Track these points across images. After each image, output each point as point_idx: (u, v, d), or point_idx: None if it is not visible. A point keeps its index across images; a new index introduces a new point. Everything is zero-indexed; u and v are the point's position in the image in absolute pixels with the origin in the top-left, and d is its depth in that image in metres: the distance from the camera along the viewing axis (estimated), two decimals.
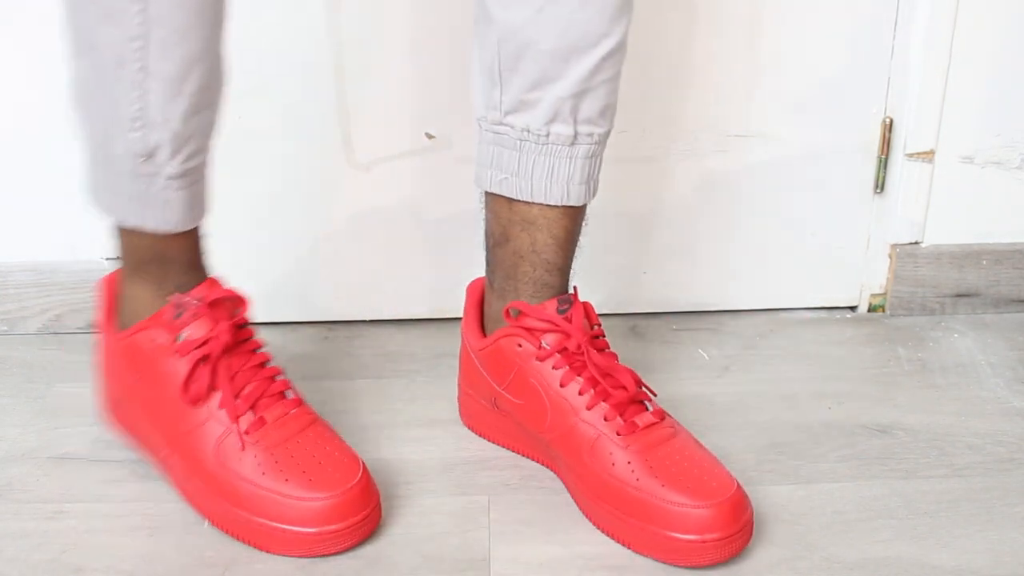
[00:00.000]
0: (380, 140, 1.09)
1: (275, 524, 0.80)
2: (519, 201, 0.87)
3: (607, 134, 0.86)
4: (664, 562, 0.80)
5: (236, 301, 0.86)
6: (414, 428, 0.97)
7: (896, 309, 1.17)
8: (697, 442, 0.85)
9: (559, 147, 0.84)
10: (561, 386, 0.86)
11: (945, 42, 1.06)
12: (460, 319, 1.17)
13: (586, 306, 0.90)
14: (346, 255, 1.14)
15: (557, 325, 0.87)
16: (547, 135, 0.84)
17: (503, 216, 0.88)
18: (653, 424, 0.84)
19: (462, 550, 0.81)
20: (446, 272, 1.15)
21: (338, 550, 0.80)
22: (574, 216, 0.88)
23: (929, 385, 1.04)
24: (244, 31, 0.86)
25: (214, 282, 0.86)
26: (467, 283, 1.15)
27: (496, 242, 0.90)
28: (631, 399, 0.85)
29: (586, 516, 0.85)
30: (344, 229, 1.13)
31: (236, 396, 0.83)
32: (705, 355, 1.10)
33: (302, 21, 1.04)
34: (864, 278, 1.18)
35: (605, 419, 0.84)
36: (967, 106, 1.09)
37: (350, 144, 1.09)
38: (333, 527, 0.79)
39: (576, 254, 0.91)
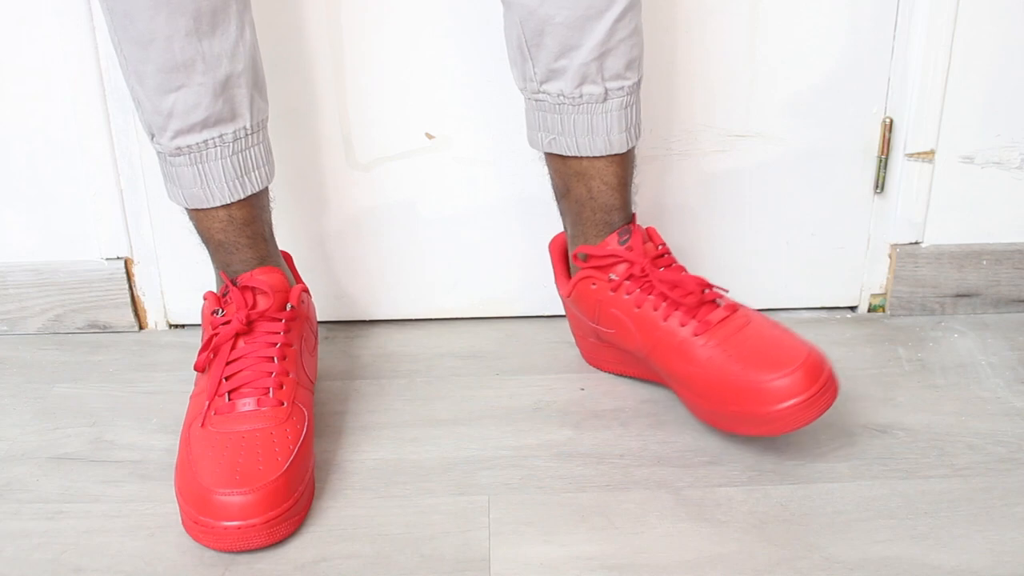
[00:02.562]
0: (380, 140, 1.09)
1: None
2: (570, 156, 0.94)
3: (637, 83, 0.93)
4: (767, 435, 0.89)
5: (278, 293, 0.91)
6: (414, 428, 0.97)
7: (896, 309, 1.17)
8: (772, 323, 0.93)
9: (593, 105, 0.91)
10: (637, 308, 0.95)
11: (945, 42, 1.06)
12: (460, 319, 1.18)
13: (649, 231, 0.97)
14: (346, 255, 1.14)
15: (620, 256, 0.95)
16: (580, 96, 0.90)
17: (561, 171, 0.97)
18: (726, 318, 0.92)
19: (462, 550, 0.81)
20: (446, 272, 1.15)
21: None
22: (621, 162, 0.95)
23: (929, 385, 1.04)
24: None
25: (269, 270, 0.92)
26: (466, 282, 1.16)
27: (560, 194, 0.99)
28: (700, 302, 0.93)
29: (697, 418, 0.94)
30: (344, 229, 1.13)
31: (221, 379, 0.87)
32: None
33: (302, 21, 1.04)
34: (864, 278, 1.18)
35: (682, 324, 0.92)
36: (967, 106, 1.09)
37: (350, 144, 1.09)
38: None
39: (634, 190, 0.98)
